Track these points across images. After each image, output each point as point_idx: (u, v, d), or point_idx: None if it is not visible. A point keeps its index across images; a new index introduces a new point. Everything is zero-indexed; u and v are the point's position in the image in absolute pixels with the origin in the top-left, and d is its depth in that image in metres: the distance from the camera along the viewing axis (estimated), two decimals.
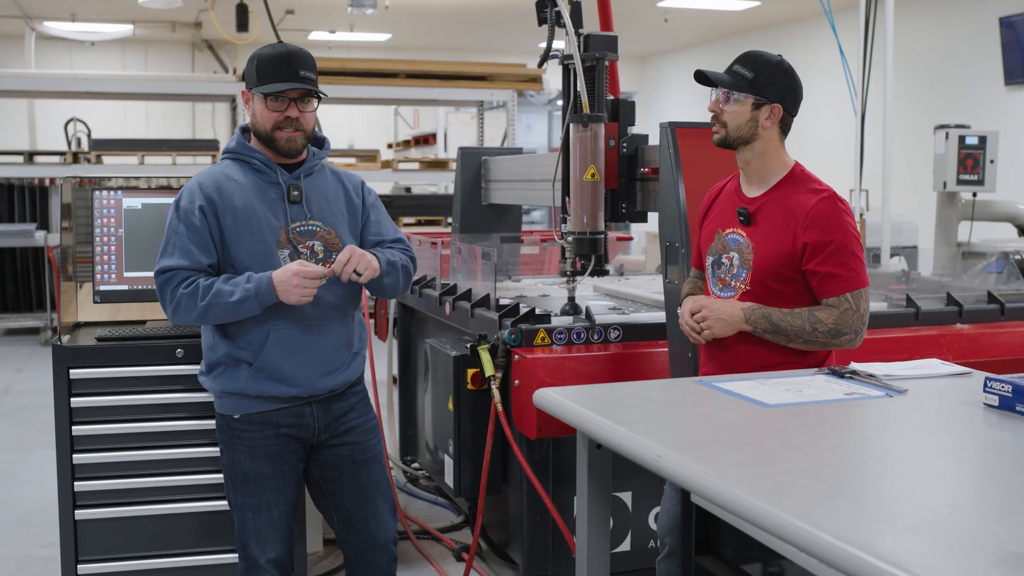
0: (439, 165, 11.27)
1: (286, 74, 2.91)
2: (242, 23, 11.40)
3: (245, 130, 3.09)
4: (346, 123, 15.05)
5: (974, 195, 6.11)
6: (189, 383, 3.50)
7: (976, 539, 1.53)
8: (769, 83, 2.92)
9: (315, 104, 3.01)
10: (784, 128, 2.99)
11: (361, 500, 3.15)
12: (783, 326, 2.86)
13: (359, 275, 2.94)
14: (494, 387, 3.69)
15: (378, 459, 3.20)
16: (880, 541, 1.51)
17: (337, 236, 3.05)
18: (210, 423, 3.52)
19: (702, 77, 2.99)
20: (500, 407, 3.67)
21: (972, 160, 6.00)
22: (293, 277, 2.86)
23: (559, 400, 2.45)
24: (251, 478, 3.04)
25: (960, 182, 6.00)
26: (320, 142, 3.15)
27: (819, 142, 11.20)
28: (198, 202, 2.93)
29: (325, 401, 3.07)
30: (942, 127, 6.14)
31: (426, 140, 13.37)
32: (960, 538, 1.53)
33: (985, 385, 2.35)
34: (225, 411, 3.05)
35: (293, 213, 3.00)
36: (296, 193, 3.00)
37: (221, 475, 3.52)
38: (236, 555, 3.40)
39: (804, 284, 2.90)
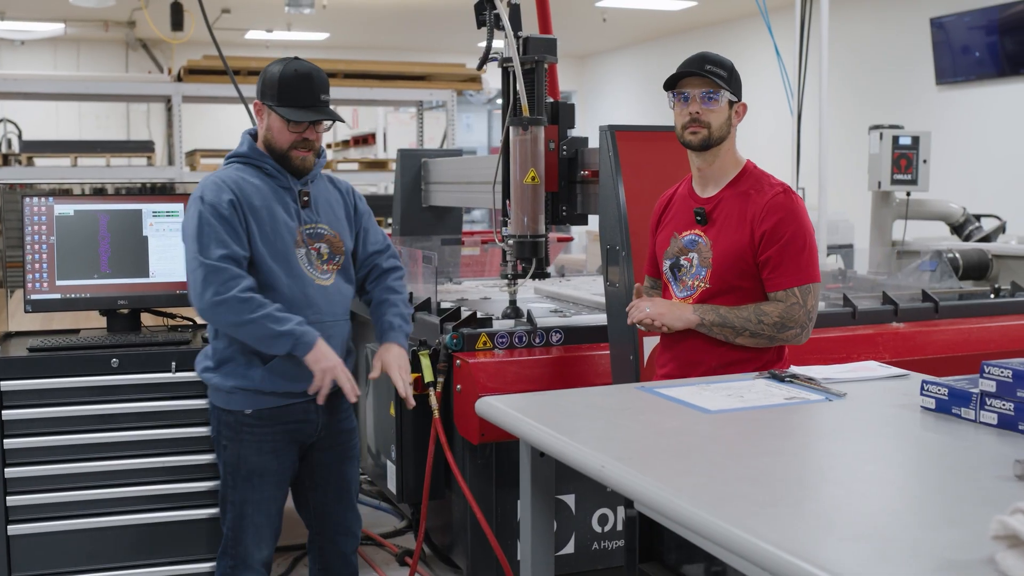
0: (379, 166, 11.17)
1: (308, 99, 2.99)
2: (177, 22, 11.23)
3: (253, 135, 3.14)
4: None
5: (908, 194, 6.20)
6: (124, 393, 3.45)
7: (915, 547, 1.54)
8: (736, 81, 2.94)
9: (328, 125, 3.13)
10: None
11: (341, 495, 3.28)
12: (730, 318, 2.85)
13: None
14: (433, 395, 3.67)
15: (357, 457, 3.35)
16: (820, 550, 1.52)
17: (340, 239, 3.16)
18: (146, 433, 3.48)
19: (680, 77, 2.90)
20: (437, 414, 3.65)
21: (906, 160, 6.08)
22: (335, 367, 2.99)
23: (502, 409, 2.44)
24: (255, 473, 3.09)
25: (894, 182, 6.07)
26: (318, 151, 3.21)
27: (756, 141, 11.29)
28: (226, 196, 2.96)
29: (328, 399, 3.10)
30: (876, 127, 6.22)
31: (365, 140, 13.25)
32: (899, 546, 1.54)
33: (922, 388, 2.38)
34: (235, 407, 3.07)
35: (304, 216, 3.10)
36: (306, 198, 3.10)
37: (157, 486, 3.49)
38: (179, 566, 3.38)
39: (760, 279, 2.89)
